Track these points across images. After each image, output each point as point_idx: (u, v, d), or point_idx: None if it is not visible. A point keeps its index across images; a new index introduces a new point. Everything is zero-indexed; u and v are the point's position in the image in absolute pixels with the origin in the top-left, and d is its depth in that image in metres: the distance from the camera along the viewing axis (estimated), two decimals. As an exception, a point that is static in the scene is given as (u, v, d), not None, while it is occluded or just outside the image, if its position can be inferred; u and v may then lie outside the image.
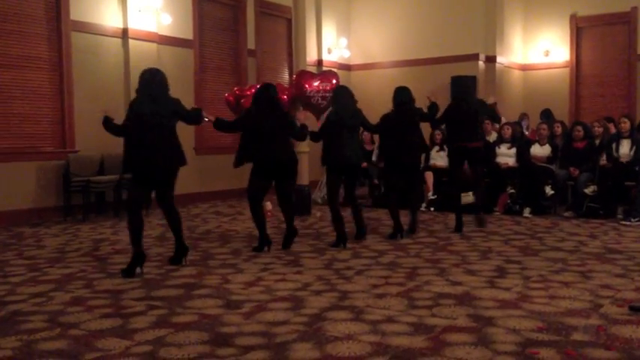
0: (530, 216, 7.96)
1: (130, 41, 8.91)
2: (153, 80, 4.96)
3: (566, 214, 7.94)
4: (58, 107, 8.37)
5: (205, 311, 3.83)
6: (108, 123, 4.97)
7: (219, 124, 5.79)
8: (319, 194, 9.71)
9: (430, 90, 7.13)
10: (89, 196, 8.16)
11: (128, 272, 4.80)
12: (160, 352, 3.11)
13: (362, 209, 6.55)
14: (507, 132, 8.62)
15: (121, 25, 8.90)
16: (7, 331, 3.46)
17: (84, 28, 8.50)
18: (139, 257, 4.87)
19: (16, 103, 7.94)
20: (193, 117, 5.31)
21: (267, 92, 5.79)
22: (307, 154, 8.32)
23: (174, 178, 5.13)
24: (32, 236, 6.89)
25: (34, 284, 4.59)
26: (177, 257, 5.25)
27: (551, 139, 8.66)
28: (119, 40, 8.89)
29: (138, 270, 4.84)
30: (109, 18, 8.79)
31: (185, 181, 8.19)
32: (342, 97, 6.20)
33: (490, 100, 7.63)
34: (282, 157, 5.70)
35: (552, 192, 8.02)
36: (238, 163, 5.84)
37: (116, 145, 8.83)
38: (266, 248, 5.78)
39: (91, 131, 7.87)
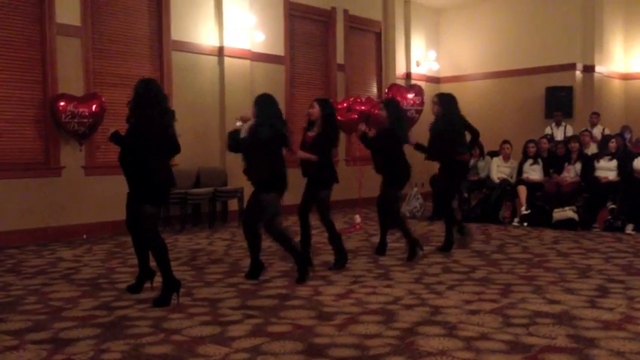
0: (633, 233, 7.54)
1: (226, 59, 9.28)
2: None
3: (674, 231, 7.47)
4: (159, 123, 8.81)
5: (299, 322, 3.92)
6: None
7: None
8: (407, 207, 9.64)
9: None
10: (186, 208, 8.53)
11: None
12: (257, 360, 3.22)
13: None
14: (613, 145, 8.26)
15: (217, 44, 9.29)
16: (117, 335, 3.70)
17: (183, 47, 8.94)
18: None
19: (123, 120, 8.42)
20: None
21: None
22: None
23: None
24: (135, 245, 7.27)
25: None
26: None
27: (656, 152, 8.20)
28: (215, 58, 9.29)
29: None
30: (206, 37, 9.20)
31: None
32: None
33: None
34: None
35: (658, 207, 7.58)
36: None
37: (211, 159, 9.31)
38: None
39: (188, 146, 8.19)
